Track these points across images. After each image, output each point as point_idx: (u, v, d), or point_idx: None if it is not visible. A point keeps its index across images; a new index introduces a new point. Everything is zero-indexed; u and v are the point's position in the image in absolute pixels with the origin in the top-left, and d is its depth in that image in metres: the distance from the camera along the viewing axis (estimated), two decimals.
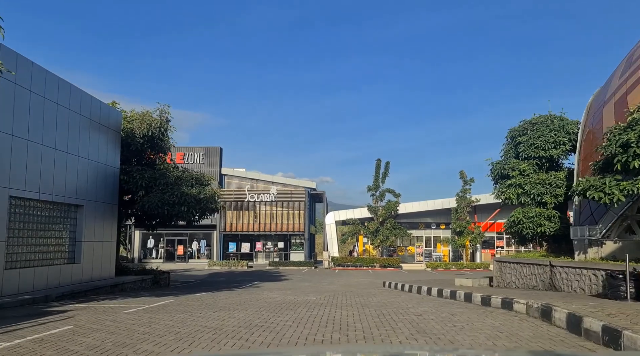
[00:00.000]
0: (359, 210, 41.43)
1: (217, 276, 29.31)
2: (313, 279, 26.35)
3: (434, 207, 41.34)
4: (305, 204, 41.79)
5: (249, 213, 41.86)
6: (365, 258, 39.64)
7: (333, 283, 23.15)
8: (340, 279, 26.51)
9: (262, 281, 24.20)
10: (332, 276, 29.68)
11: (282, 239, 43.03)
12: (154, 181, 16.84)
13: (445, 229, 43.92)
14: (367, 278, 27.92)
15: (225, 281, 24.40)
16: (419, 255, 44.10)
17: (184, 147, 42.75)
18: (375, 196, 40.29)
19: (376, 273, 33.76)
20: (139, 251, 42.34)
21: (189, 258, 42.78)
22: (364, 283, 22.70)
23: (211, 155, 42.67)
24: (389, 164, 40.36)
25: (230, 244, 42.76)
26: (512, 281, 14.24)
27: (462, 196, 39.87)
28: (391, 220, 39.16)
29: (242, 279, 25.93)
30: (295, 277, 27.90)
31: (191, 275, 30.00)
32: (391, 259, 39.36)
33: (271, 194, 41.77)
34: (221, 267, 38.92)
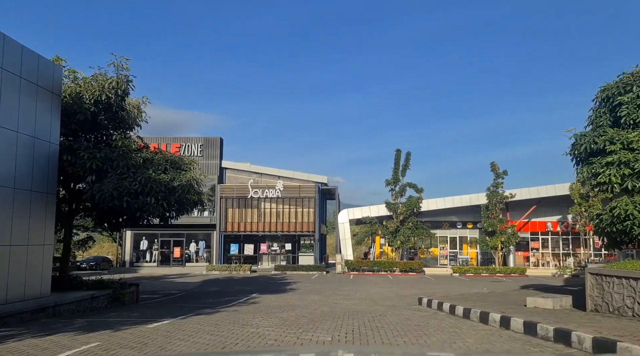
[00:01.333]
0: (375, 207, 36.74)
1: (211, 284, 24.80)
2: (325, 289, 21.76)
3: (461, 204, 36.51)
4: (316, 201, 37.20)
5: (253, 211, 37.38)
6: (384, 262, 34.93)
7: (350, 296, 18.52)
8: (358, 288, 21.90)
9: (262, 292, 19.64)
10: (347, 283, 25.06)
11: (290, 241, 38.49)
12: (109, 163, 12.36)
13: (473, 228, 39.07)
14: (390, 286, 23.26)
15: (217, 293, 19.86)
16: (443, 258, 39.30)
17: (180, 138, 38.36)
18: (395, 192, 35.57)
19: (397, 279, 29.07)
20: (130, 253, 38.05)
21: (186, 261, 38.40)
22: (390, 296, 18.02)
23: (210, 146, 38.24)
24: (409, 156, 35.65)
25: (231, 245, 38.30)
26: (624, 305, 9.48)
27: (494, 191, 35.01)
28: (413, 219, 34.41)
29: (239, 289, 21.38)
30: (304, 286, 23.32)
31: (181, 283, 25.53)
32: (413, 263, 34.63)
33: (277, 189, 37.23)
34: (220, 272, 34.46)
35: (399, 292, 20.38)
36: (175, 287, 22.78)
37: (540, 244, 38.82)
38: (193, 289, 21.64)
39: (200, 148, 38.07)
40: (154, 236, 38.41)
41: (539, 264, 38.31)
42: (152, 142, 39.39)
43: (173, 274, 33.07)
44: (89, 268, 38.46)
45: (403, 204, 35.01)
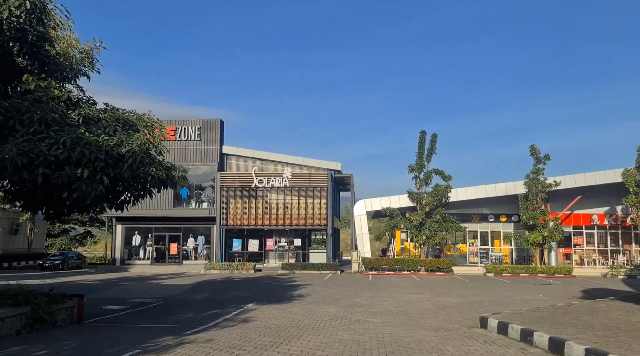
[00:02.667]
0: (396, 198, 32.25)
1: (202, 288, 20.56)
2: (341, 295, 17.39)
3: (495, 193, 31.86)
4: (328, 191, 32.82)
5: (257, 202, 33.10)
6: (407, 260, 30.45)
7: (376, 307, 14.12)
8: (382, 294, 17.50)
9: (261, 301, 15.32)
10: (367, 287, 20.68)
11: (299, 235, 34.20)
12: (18, 116, 8.10)
13: (507, 222, 34.41)
14: (421, 291, 18.82)
15: (203, 302, 15.57)
16: (473, 255, 34.70)
17: (176, 120, 34.15)
18: (419, 179, 31.03)
19: (425, 281, 24.61)
20: (121, 250, 34.02)
21: (184, 258, 34.30)
22: (429, 309, 13.59)
23: (209, 129, 33.99)
24: (436, 138, 31.05)
25: (234, 241, 34.09)
26: None
27: (534, 178, 30.31)
28: (441, 210, 29.86)
29: (233, 297, 17.09)
30: (315, 290, 18.98)
31: (168, 286, 21.34)
32: (440, 262, 30.12)
33: (285, 177, 32.89)
34: (220, 271, 30.27)
35: (436, 301, 15.93)
36: (157, 292, 18.57)
37: (584, 239, 34.06)
38: (177, 295, 17.38)
39: (198, 131, 33.83)
40: (147, 230, 34.36)
41: (583, 263, 33.57)
42: None
43: (166, 274, 28.97)
44: (52, 267, 31.86)
45: (429, 193, 30.47)
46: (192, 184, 34.15)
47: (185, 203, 33.87)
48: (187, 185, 34.01)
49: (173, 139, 33.62)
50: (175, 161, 33.75)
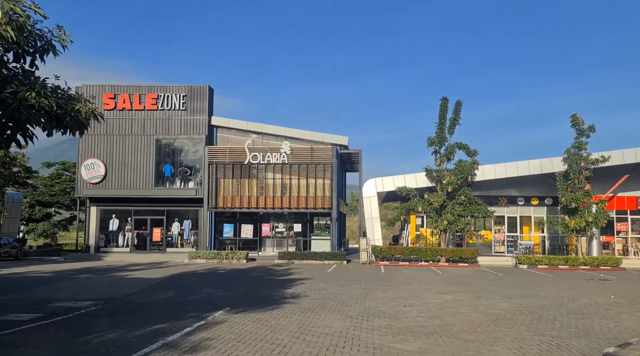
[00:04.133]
0: (412, 176, 27.75)
1: (172, 284, 16.24)
2: (348, 296, 13.03)
3: (528, 171, 27.30)
4: (333, 169, 28.35)
5: (251, 181, 28.71)
6: (424, 249, 26.04)
7: (399, 316, 9.73)
8: (402, 294, 13.11)
9: (238, 305, 10.97)
10: (380, 283, 16.30)
11: (300, 220, 29.82)
12: None
13: (539, 205, 29.92)
14: (452, 290, 14.42)
15: (159, 306, 11.20)
16: (499, 244, 30.27)
17: (158, 87, 29.62)
18: (439, 155, 26.48)
19: (450, 274, 20.21)
20: (96, 236, 29.76)
21: (168, 245, 30.02)
22: (479, 321, 9.16)
23: (196, 97, 29.48)
24: (460, 107, 26.40)
25: (225, 226, 29.75)
26: None
27: (576, 154, 25.70)
28: (466, 190, 25.33)
29: (205, 297, 12.73)
30: (315, 288, 14.62)
31: (132, 280, 17.04)
32: (464, 251, 25.68)
33: (283, 153, 28.41)
34: (207, 260, 26.02)
35: (480, 306, 11.52)
36: (109, 290, 14.26)
37: (629, 226, 29.52)
38: (130, 295, 13.03)
39: (184, 100, 29.33)
40: (126, 213, 30.07)
41: (627, 253, 29.07)
42: (122, 92, 30.91)
43: (143, 263, 24.74)
44: None
45: (451, 171, 25.94)
46: (176, 160, 29.77)
47: (169, 182, 29.51)
48: (171, 162, 29.62)
49: (154, 108, 29.16)
50: (157, 134, 29.47)
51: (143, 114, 29.25)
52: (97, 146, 29.13)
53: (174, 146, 29.65)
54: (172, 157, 29.76)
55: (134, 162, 29.09)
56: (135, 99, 29.18)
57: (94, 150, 29.11)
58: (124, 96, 29.15)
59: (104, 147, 29.12)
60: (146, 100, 29.18)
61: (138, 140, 29.16)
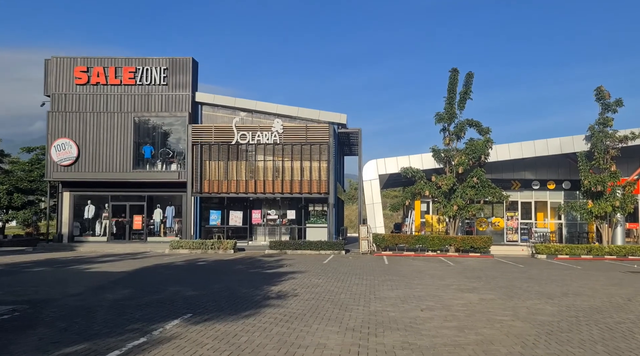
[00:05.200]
0: (417, 157, 25.08)
1: (136, 279, 13.61)
2: (348, 295, 10.43)
3: (547, 151, 24.65)
4: (330, 150, 25.64)
5: (240, 164, 25.97)
6: (431, 237, 23.42)
7: (419, 328, 7.10)
8: (416, 292, 10.51)
9: (205, 310, 8.35)
10: (387, 277, 13.70)
11: (294, 207, 27.17)
12: None
13: (555, 190, 27.35)
14: (474, 286, 11.83)
15: (102, 311, 8.56)
16: (512, 232, 27.70)
17: (135, 59, 26.71)
18: (448, 133, 23.80)
19: (463, 265, 17.63)
20: (70, 224, 27.03)
21: (150, 234, 27.33)
22: (530, 335, 6.56)
23: (179, 71, 26.62)
24: (471, 79, 23.65)
25: (212, 213, 27.06)
26: None
27: (602, 131, 23.04)
28: (479, 171, 22.67)
29: (165, 298, 10.08)
30: (307, 283, 12.01)
31: (93, 274, 14.41)
32: (476, 240, 23.08)
33: (274, 132, 25.67)
34: (190, 251, 23.43)
35: (519, 309, 8.91)
36: (60, 286, 11.65)
37: None
38: (75, 295, 10.38)
39: (165, 73, 26.46)
40: (102, 199, 27.34)
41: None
42: (95, 64, 28.00)
43: (119, 254, 22.16)
44: None
45: (461, 151, 23.26)
46: (157, 140, 26.97)
47: (150, 164, 26.74)
48: (151, 142, 26.83)
49: (132, 83, 26.31)
50: (136, 111, 26.66)
51: (119, 90, 26.40)
52: (68, 124, 26.30)
53: (155, 125, 26.85)
54: (152, 137, 26.97)
55: (110, 142, 26.29)
56: (110, 73, 26.32)
57: (65, 129, 26.28)
58: (98, 69, 26.28)
59: (76, 126, 26.30)
60: (123, 74, 26.31)
61: (114, 118, 26.34)
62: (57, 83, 26.46)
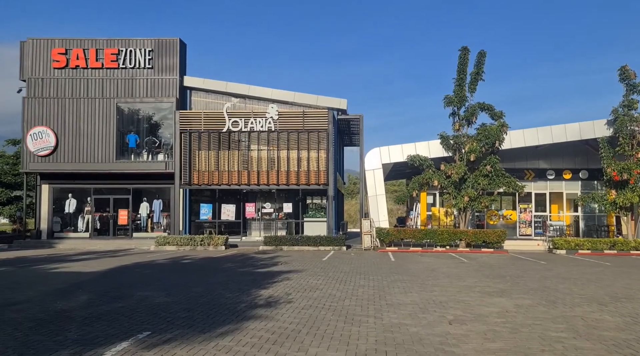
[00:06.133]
0: (424, 144, 23.15)
1: (105, 281, 11.67)
2: (354, 301, 8.51)
3: (565, 137, 22.72)
4: (329, 137, 23.70)
5: (232, 153, 24.01)
6: (443, 232, 21.50)
7: (457, 355, 5.13)
8: (435, 296, 8.62)
9: (173, 325, 6.40)
10: (396, 277, 11.80)
11: (291, 199, 25.23)
12: None
13: (572, 179, 25.45)
14: (502, 288, 9.95)
15: (36, 326, 6.58)
16: (525, 225, 25.80)
17: (118, 40, 24.65)
18: (459, 117, 21.84)
19: (479, 262, 15.73)
20: (49, 219, 25.05)
21: (136, 230, 25.36)
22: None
23: (165, 53, 24.60)
24: (483, 58, 21.66)
25: (202, 207, 25.11)
26: None
27: (627, 113, 21.12)
28: (493, 159, 20.74)
29: (126, 310, 8.13)
30: (304, 286, 10.11)
31: (57, 274, 12.49)
32: (489, 234, 21.16)
33: (269, 118, 23.71)
34: (178, 247, 21.54)
35: (568, 318, 7.00)
36: (7, 291, 9.69)
37: None
38: (17, 303, 8.44)
39: (150, 56, 24.43)
40: (84, 192, 25.36)
41: None
42: (74, 46, 25.94)
43: (98, 252, 20.26)
44: None
45: (472, 137, 21.31)
46: (142, 128, 24.97)
47: (135, 154, 24.74)
48: (136, 130, 24.83)
49: (114, 66, 24.28)
50: (119, 96, 24.65)
51: (101, 74, 24.38)
52: (45, 111, 24.29)
53: (140, 112, 24.85)
54: (137, 125, 24.97)
55: (91, 131, 24.29)
56: (91, 55, 24.28)
57: (42, 116, 24.26)
58: (77, 52, 24.22)
59: (54, 113, 24.28)
60: (104, 56, 24.28)
61: (95, 104, 24.32)
62: (33, 67, 24.41)
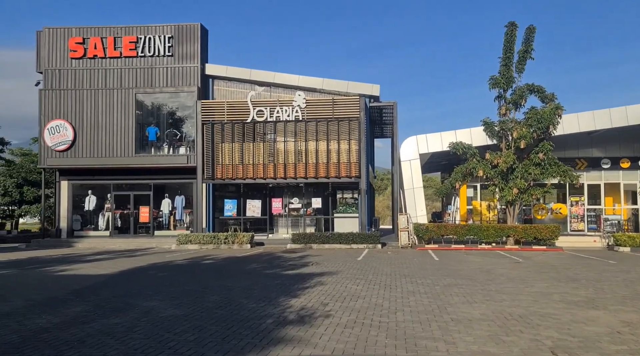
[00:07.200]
0: (465, 132, 21.14)
1: (112, 286, 10.20)
2: (411, 317, 6.75)
3: (626, 121, 20.40)
4: (361, 126, 21.92)
5: (257, 145, 22.48)
6: (489, 227, 19.48)
7: None
8: (507, 307, 6.81)
9: (176, 354, 4.73)
10: (451, 283, 10.00)
11: (320, 194, 23.54)
12: None
13: (631, 168, 23.04)
14: (588, 296, 8.08)
15: None
16: (577, 220, 23.50)
17: (136, 27, 23.36)
18: (505, 101, 19.74)
19: (532, 260, 13.76)
20: (69, 217, 23.98)
21: (157, 227, 24.10)
22: None
23: (185, 40, 23.21)
24: (532, 34, 19.47)
25: (226, 203, 23.66)
26: None
27: None
28: (546, 146, 18.59)
29: (119, 329, 6.55)
30: (341, 295, 8.40)
31: (63, 279, 11.13)
32: (541, 229, 19.02)
33: (296, 107, 22.08)
34: (200, 246, 20.13)
35: None
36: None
37: None
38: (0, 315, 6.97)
39: (169, 43, 23.07)
40: (104, 189, 24.23)
41: None
42: (92, 34, 24.75)
43: (116, 251, 19.03)
44: None
45: (522, 123, 19.19)
46: (163, 120, 23.65)
47: (155, 147, 23.45)
48: (156, 122, 23.52)
49: (133, 54, 23.01)
50: (138, 86, 23.37)
51: (119, 63, 23.15)
52: (63, 103, 23.20)
53: (160, 103, 23.53)
54: (157, 117, 23.67)
55: (109, 123, 23.09)
56: (109, 44, 23.06)
57: (60, 109, 23.18)
58: (95, 40, 23.03)
59: (71, 106, 23.17)
60: (123, 44, 23.03)
61: (114, 95, 23.11)
62: (49, 57, 23.35)
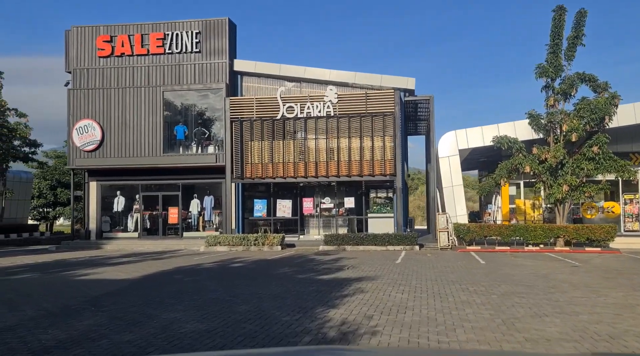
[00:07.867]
0: (509, 125, 19.73)
1: (133, 293, 9.44)
2: (468, 332, 5.67)
3: None
4: (396, 121, 20.78)
5: (287, 143, 21.60)
6: (537, 228, 18.08)
7: None
8: (591, 324, 5.67)
9: None
10: (509, 291, 8.85)
11: (353, 193, 22.50)
12: None
13: None
14: None
15: None
16: (631, 219, 21.79)
17: (165, 24, 22.79)
18: (553, 91, 18.28)
19: (590, 264, 12.42)
20: (98, 218, 23.62)
21: (186, 229, 23.52)
22: None
23: (213, 35, 22.55)
24: (584, 18, 17.96)
25: (255, 203, 22.87)
26: None
27: None
28: (601, 138, 17.07)
29: (141, 342, 5.65)
30: (385, 305, 7.39)
31: (85, 284, 10.46)
32: (594, 230, 17.51)
33: (327, 102, 21.11)
34: (230, 247, 19.38)
35: None
36: (4, 306, 7.59)
37: None
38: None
39: (197, 39, 22.44)
40: (133, 190, 23.79)
41: None
42: (119, 32, 24.38)
43: (143, 253, 18.47)
44: None
45: (572, 114, 17.71)
46: (191, 118, 23.05)
47: (183, 146, 22.87)
48: (184, 120, 22.94)
49: (160, 51, 22.47)
50: (165, 84, 22.84)
51: (147, 61, 22.66)
52: (91, 103, 22.85)
53: (188, 100, 22.95)
54: (185, 115, 23.10)
55: (137, 122, 22.62)
56: (136, 42, 22.59)
57: (88, 108, 22.84)
58: (122, 38, 22.60)
59: (99, 105, 22.80)
60: (150, 41, 22.52)
61: (141, 94, 22.62)
62: (78, 57, 23.04)
